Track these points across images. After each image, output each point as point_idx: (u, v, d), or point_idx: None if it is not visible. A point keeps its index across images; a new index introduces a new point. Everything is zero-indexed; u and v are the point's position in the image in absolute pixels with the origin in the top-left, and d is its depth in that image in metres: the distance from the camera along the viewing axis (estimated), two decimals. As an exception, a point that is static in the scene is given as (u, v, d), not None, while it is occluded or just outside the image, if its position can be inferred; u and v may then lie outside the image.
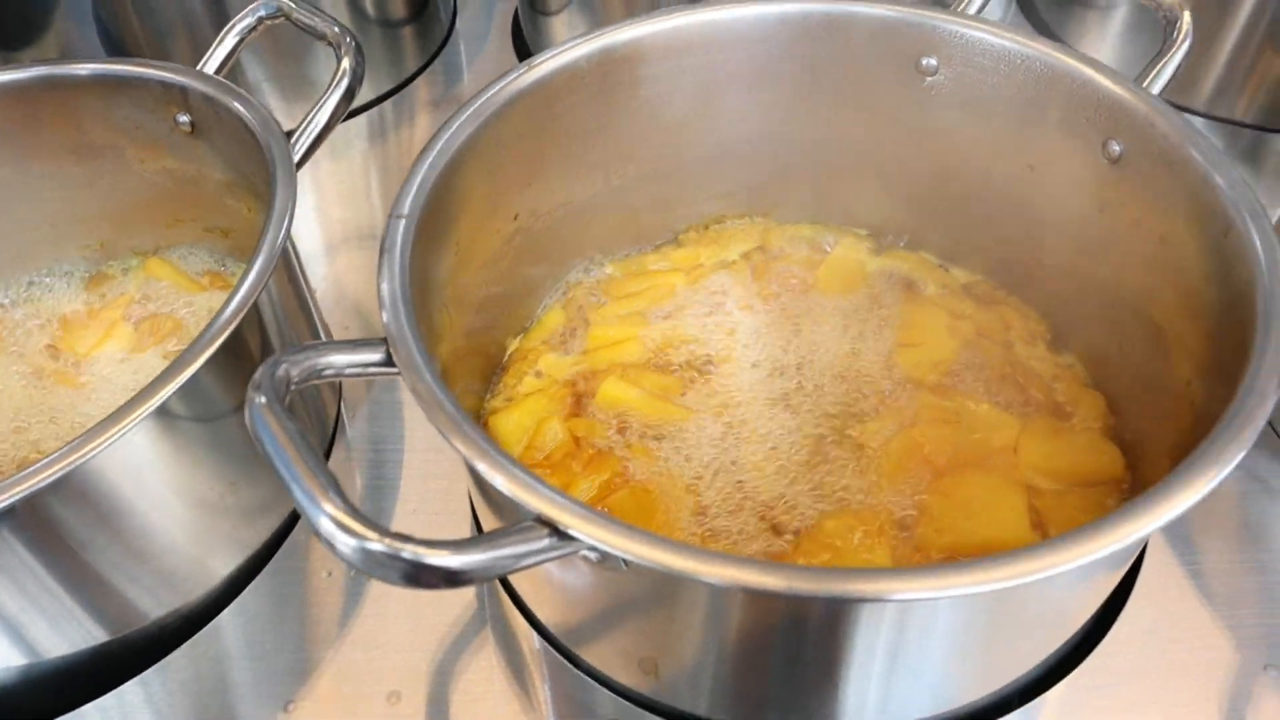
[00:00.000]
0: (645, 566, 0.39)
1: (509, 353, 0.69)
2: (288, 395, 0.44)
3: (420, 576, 0.39)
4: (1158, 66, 0.60)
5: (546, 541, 0.41)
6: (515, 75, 0.58)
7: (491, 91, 0.58)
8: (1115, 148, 0.59)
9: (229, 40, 0.66)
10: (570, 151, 0.65)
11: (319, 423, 0.70)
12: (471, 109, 0.57)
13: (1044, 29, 0.99)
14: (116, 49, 0.82)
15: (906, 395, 0.65)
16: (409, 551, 0.39)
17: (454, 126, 0.57)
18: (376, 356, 0.47)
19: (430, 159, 0.55)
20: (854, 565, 0.57)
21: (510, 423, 0.65)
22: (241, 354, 0.59)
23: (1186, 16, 0.60)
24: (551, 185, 0.65)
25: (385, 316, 0.48)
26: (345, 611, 0.64)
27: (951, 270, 0.73)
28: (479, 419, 0.66)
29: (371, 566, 0.39)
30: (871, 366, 0.67)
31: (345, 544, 0.38)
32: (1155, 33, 0.89)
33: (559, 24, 0.88)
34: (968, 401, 0.65)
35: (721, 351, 0.68)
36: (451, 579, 0.39)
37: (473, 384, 0.65)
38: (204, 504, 0.59)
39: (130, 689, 0.60)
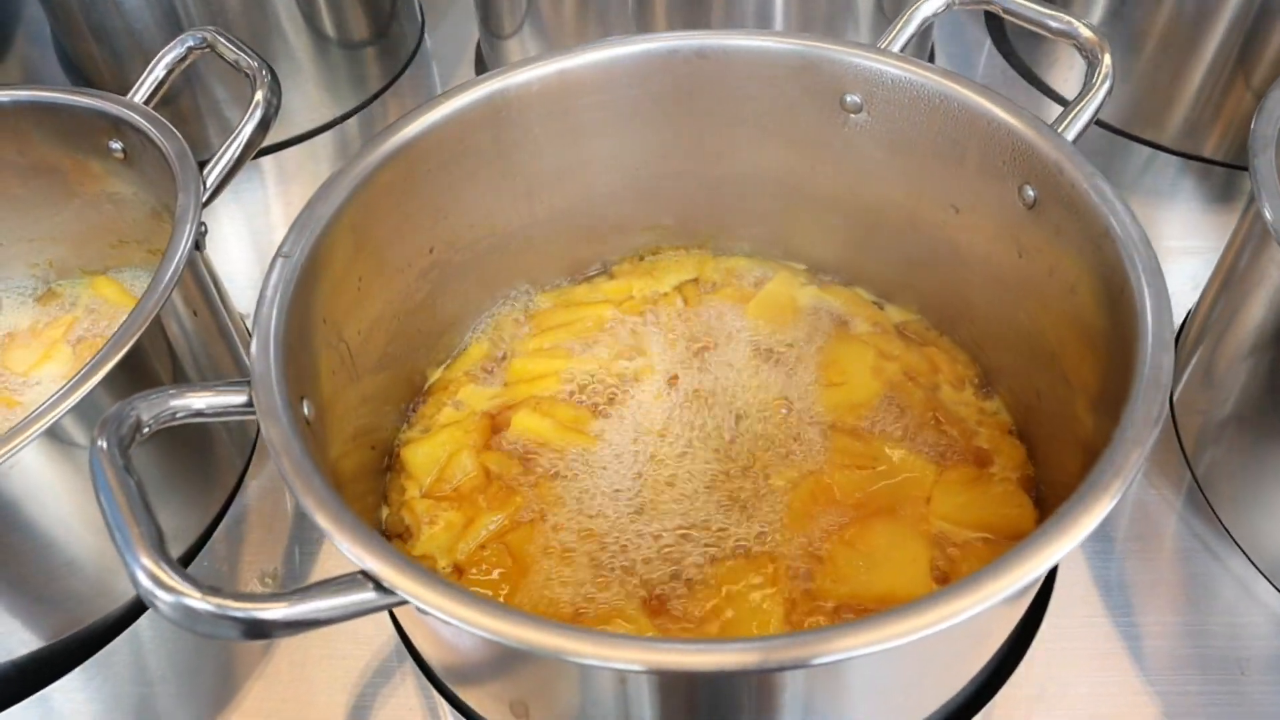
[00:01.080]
0: (465, 630, 0.39)
1: (430, 382, 0.69)
2: (135, 439, 0.44)
3: (240, 629, 0.39)
4: (1076, 109, 0.58)
5: (372, 595, 0.41)
6: (411, 115, 0.58)
7: (391, 131, 0.58)
8: (1030, 193, 0.57)
9: (159, 70, 0.67)
10: (486, 185, 0.65)
11: (240, 438, 0.70)
12: (370, 148, 0.57)
13: (1017, 61, 0.97)
14: (76, 72, 0.84)
15: (822, 437, 0.64)
16: (228, 607, 0.39)
17: (356, 165, 0.57)
18: (239, 400, 0.47)
19: (325, 196, 0.56)
20: (745, 612, 0.57)
21: (421, 454, 0.65)
22: (149, 381, 0.59)
23: (1108, 58, 0.58)
24: (468, 218, 0.65)
25: (252, 360, 0.48)
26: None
27: (886, 308, 0.72)
28: (392, 450, 0.66)
29: (190, 620, 0.39)
30: (791, 405, 0.66)
31: (162, 599, 0.39)
32: (1124, 66, 0.87)
33: (513, 46, 0.88)
34: (885, 446, 0.64)
35: (641, 386, 0.68)
36: (271, 630, 0.40)
37: (385, 414, 0.65)
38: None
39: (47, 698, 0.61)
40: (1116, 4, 0.85)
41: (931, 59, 0.97)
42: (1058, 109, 0.93)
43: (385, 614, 0.62)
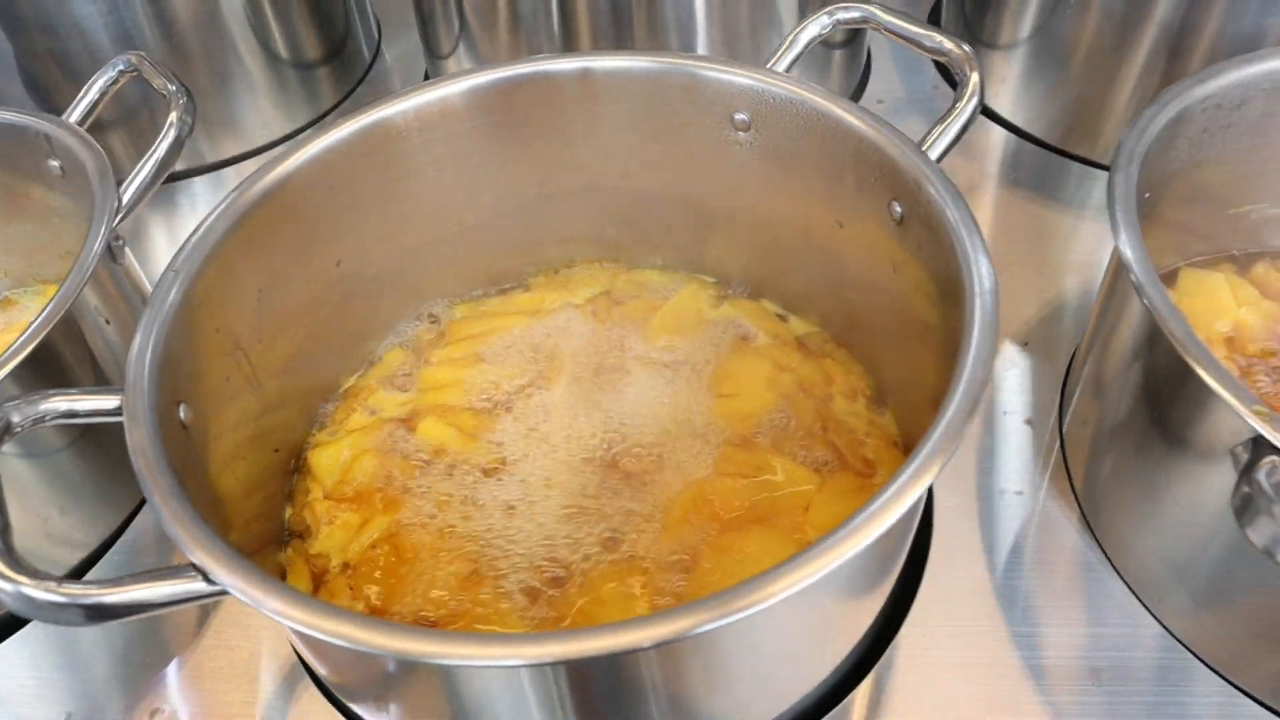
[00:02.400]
0: (281, 622, 0.42)
1: (344, 388, 0.72)
2: (4, 438, 0.48)
3: (82, 615, 0.43)
4: (943, 126, 0.59)
5: (201, 585, 0.44)
6: (295, 145, 0.61)
7: (276, 161, 0.61)
8: (897, 209, 0.59)
9: (93, 91, 0.71)
10: (390, 203, 0.67)
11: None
12: (259, 175, 0.60)
13: (948, 75, 0.98)
14: (39, 94, 0.89)
15: (710, 447, 0.66)
16: (66, 595, 0.42)
17: (249, 189, 0.59)
18: (112, 404, 0.50)
19: (220, 215, 0.59)
20: (613, 615, 0.59)
21: (326, 457, 0.68)
22: (66, 383, 0.63)
23: (975, 76, 0.59)
24: (376, 234, 0.68)
25: (129, 367, 0.51)
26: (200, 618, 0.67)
27: (790, 320, 0.74)
28: (299, 453, 0.69)
29: (32, 608, 0.42)
30: (683, 415, 0.68)
31: (1, 589, 0.42)
32: (1055, 83, 0.88)
33: (451, 65, 0.91)
34: (771, 456, 0.65)
35: (545, 396, 0.70)
36: (111, 613, 0.43)
37: (292, 419, 0.68)
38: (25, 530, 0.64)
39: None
40: (1044, 18, 0.85)
41: (868, 71, 0.99)
42: (991, 125, 0.94)
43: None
